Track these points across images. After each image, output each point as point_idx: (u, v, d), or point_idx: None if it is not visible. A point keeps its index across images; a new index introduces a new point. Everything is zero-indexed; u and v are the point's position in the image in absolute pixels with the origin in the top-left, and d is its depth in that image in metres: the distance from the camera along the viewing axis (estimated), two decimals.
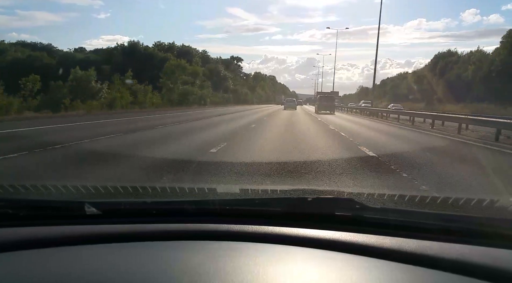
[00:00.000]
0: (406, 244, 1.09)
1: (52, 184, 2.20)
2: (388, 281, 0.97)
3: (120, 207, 1.40)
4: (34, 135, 10.81)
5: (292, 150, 8.12)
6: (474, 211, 2.01)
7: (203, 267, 1.00)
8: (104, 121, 16.68)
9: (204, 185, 3.56)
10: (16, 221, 1.27)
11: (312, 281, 0.96)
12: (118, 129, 12.32)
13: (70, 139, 8.70)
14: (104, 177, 4.96)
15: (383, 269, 1.01)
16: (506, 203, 2.35)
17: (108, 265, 1.04)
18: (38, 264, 1.04)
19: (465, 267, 0.99)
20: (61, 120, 16.73)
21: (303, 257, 1.09)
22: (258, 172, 5.39)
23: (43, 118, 18.05)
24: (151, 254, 1.10)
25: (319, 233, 1.18)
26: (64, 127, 13.38)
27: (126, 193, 2.32)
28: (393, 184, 4.92)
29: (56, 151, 7.27)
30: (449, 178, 5.34)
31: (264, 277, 0.96)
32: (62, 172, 5.42)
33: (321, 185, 4.72)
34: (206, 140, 9.62)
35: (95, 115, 20.91)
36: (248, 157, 6.83)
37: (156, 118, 20.18)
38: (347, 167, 6.02)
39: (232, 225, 1.23)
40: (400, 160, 6.89)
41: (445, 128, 15.92)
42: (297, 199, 1.64)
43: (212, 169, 5.51)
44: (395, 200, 2.43)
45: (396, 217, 1.28)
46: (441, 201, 2.13)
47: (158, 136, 10.83)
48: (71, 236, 1.18)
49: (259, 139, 10.59)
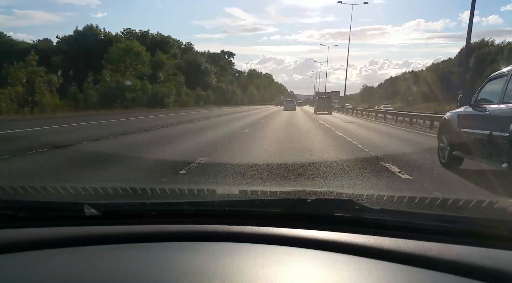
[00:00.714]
0: (405, 245, 1.09)
1: (52, 185, 2.20)
2: (387, 282, 0.97)
3: (119, 208, 1.40)
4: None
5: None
6: (473, 212, 2.01)
7: (202, 268, 1.00)
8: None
9: (204, 186, 3.56)
10: (15, 223, 1.27)
11: (312, 282, 0.96)
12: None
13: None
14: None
15: (382, 270, 1.01)
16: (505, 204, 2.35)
17: (107, 266, 1.04)
18: (37, 266, 1.04)
19: (464, 268, 0.99)
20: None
21: (303, 258, 1.09)
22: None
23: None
24: (150, 255, 1.10)
25: (318, 234, 1.18)
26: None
27: (125, 194, 2.33)
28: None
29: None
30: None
31: (264, 278, 0.96)
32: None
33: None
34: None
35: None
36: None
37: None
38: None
39: (232, 226, 1.23)
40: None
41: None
42: (297, 200, 1.64)
43: None
44: (394, 200, 2.43)
45: (395, 218, 1.29)
46: (440, 202, 2.13)
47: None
48: (71, 237, 1.18)
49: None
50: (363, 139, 11.58)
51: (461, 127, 6.09)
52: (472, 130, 5.70)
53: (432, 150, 7.66)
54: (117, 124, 16.48)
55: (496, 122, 4.92)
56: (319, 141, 10.78)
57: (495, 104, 5.20)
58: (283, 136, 12.11)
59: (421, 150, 9.32)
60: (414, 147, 10.20)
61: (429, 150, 8.13)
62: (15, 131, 12.23)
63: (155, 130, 13.44)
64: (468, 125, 5.91)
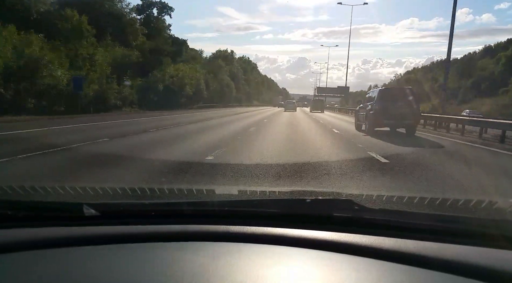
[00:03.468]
0: (404, 245, 1.09)
1: (51, 185, 2.20)
2: (386, 281, 0.97)
3: (118, 208, 1.40)
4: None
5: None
6: (473, 212, 2.01)
7: (201, 268, 1.00)
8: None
9: (203, 186, 3.56)
10: (15, 222, 1.27)
11: (311, 282, 0.96)
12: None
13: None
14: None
15: (381, 270, 1.01)
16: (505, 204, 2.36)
17: (106, 266, 1.04)
18: (36, 265, 1.04)
19: (463, 268, 0.99)
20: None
21: (302, 258, 1.09)
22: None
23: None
24: (149, 255, 1.10)
25: (317, 234, 1.18)
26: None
27: (125, 194, 2.33)
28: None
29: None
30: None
31: (263, 278, 0.96)
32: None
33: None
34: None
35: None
36: None
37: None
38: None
39: (231, 226, 1.23)
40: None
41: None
42: (296, 200, 1.64)
43: None
44: (394, 201, 2.44)
45: (394, 218, 1.29)
46: (440, 202, 2.14)
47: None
48: (70, 237, 1.18)
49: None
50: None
51: (359, 112, 16.14)
52: (360, 113, 15.64)
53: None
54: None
55: (364, 109, 14.86)
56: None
57: (363, 103, 15.63)
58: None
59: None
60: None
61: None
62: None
63: None
64: (360, 111, 15.84)
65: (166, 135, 11.73)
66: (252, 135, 11.99)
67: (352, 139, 11.28)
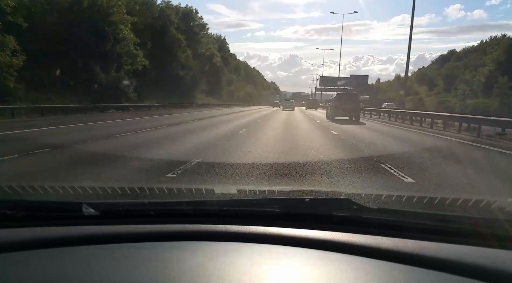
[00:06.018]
0: (403, 245, 1.10)
1: (50, 185, 2.20)
2: (385, 281, 0.97)
3: (118, 208, 1.40)
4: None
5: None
6: (472, 211, 2.02)
7: (201, 267, 1.00)
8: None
9: (202, 186, 3.56)
10: (14, 222, 1.27)
11: (310, 281, 0.96)
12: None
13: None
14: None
15: (380, 270, 1.01)
16: (503, 204, 2.36)
17: (105, 265, 1.04)
18: (36, 265, 1.04)
19: (462, 268, 0.99)
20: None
21: (301, 257, 1.09)
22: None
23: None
24: (149, 254, 1.10)
25: (316, 234, 1.18)
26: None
27: (124, 193, 2.32)
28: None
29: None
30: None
31: (262, 277, 0.96)
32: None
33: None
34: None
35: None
36: None
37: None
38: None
39: (230, 226, 1.23)
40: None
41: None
42: (295, 199, 1.64)
43: None
44: (393, 200, 2.44)
45: (393, 218, 1.29)
46: (439, 201, 2.14)
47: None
48: (69, 237, 1.18)
49: None
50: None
51: (327, 108, 27.44)
52: (328, 108, 26.04)
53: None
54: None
55: (329, 106, 25.31)
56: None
57: (330, 102, 26.65)
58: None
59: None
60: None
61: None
62: None
63: None
64: (328, 107, 26.63)
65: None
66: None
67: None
